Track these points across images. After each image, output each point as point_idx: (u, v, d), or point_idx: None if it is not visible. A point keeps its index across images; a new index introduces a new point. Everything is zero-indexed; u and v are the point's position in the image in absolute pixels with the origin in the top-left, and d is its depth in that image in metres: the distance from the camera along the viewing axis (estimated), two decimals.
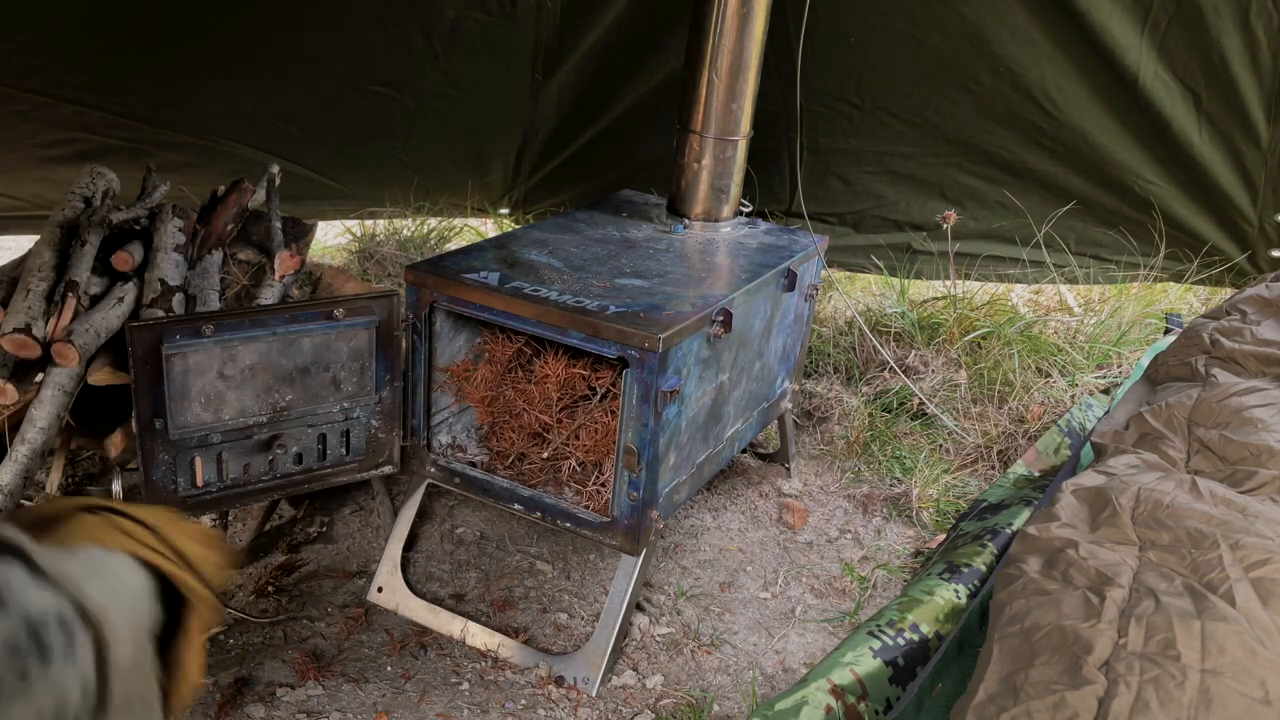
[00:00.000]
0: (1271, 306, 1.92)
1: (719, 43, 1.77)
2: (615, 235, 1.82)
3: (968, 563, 1.67)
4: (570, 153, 3.43)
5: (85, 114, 2.78)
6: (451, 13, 2.99)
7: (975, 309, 2.82)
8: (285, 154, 2.96)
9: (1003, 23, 2.67)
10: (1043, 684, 1.01)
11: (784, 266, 1.78)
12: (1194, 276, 2.89)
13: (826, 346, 2.73)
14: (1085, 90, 2.72)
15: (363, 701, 1.48)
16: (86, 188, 2.07)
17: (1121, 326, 2.81)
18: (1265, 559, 1.13)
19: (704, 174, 1.89)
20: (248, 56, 2.87)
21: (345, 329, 1.66)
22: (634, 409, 1.40)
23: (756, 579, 1.87)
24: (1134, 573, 1.17)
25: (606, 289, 1.51)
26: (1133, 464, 1.47)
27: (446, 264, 1.55)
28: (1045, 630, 1.08)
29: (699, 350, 1.49)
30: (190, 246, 1.97)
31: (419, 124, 3.23)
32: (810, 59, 2.19)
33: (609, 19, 3.07)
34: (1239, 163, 2.72)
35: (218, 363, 1.58)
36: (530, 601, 1.76)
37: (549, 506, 1.54)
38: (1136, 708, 0.95)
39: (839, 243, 3.10)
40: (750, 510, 2.10)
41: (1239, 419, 1.51)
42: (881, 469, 2.27)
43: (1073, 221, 2.93)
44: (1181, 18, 2.55)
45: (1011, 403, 2.45)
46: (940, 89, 2.84)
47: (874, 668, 1.41)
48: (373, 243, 3.25)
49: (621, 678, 1.58)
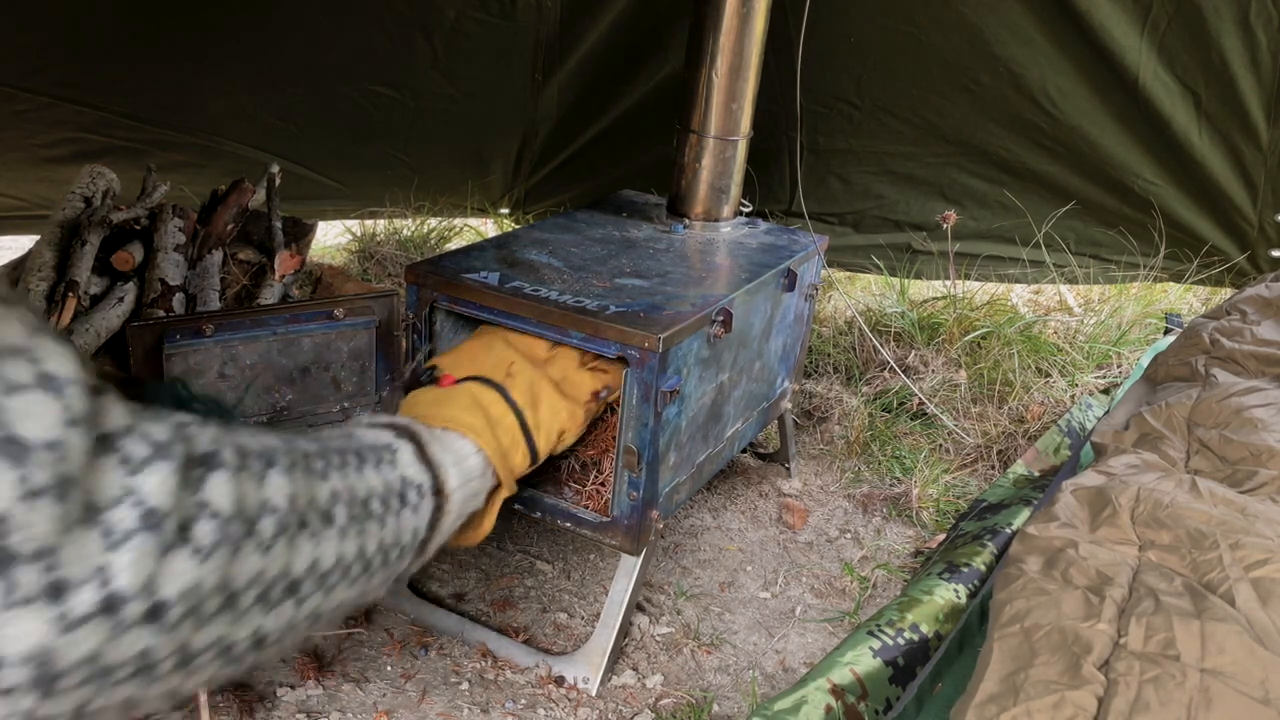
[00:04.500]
0: (1271, 306, 1.92)
1: (719, 43, 1.77)
2: (615, 235, 1.83)
3: (968, 562, 1.67)
4: (570, 153, 3.43)
5: (85, 114, 2.79)
6: (451, 13, 2.99)
7: (975, 309, 2.82)
8: (285, 154, 2.97)
9: (1003, 23, 2.67)
10: (1043, 683, 1.01)
11: (784, 266, 1.78)
12: (1194, 276, 2.89)
13: (826, 346, 2.73)
14: (1085, 90, 2.72)
15: (363, 701, 1.48)
16: (86, 188, 2.07)
17: (1121, 326, 2.81)
18: (1265, 559, 1.13)
19: (704, 174, 1.89)
20: (248, 56, 2.88)
21: (345, 329, 1.66)
22: (634, 409, 1.40)
23: (756, 579, 1.87)
24: (1134, 572, 1.17)
25: (607, 289, 1.51)
26: (1133, 464, 1.47)
27: (446, 264, 1.55)
28: (1045, 630, 1.08)
29: (699, 350, 1.49)
30: (190, 246, 1.97)
31: (419, 124, 3.23)
32: (810, 59, 2.19)
33: (609, 19, 3.07)
34: (1239, 163, 2.72)
35: (218, 362, 1.58)
36: (530, 601, 1.76)
37: (548, 506, 1.54)
38: (1136, 707, 0.95)
39: (839, 243, 3.10)
40: (750, 510, 2.10)
41: (1239, 419, 1.51)
42: (881, 469, 2.27)
43: (1073, 221, 2.93)
44: (1181, 18, 2.55)
45: (1011, 403, 2.45)
46: (940, 89, 2.84)
47: (874, 667, 1.41)
48: (373, 243, 3.26)
49: (621, 677, 1.58)
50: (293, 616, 0.72)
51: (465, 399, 1.22)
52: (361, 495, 0.83)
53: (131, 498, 0.56)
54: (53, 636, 0.52)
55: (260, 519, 0.66)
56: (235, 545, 0.63)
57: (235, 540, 0.63)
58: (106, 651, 0.56)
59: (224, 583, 0.63)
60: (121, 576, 0.55)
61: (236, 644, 0.67)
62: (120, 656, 0.57)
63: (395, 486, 0.90)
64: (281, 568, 0.69)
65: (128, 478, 0.56)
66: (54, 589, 0.52)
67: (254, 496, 0.66)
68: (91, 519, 0.53)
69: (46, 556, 0.51)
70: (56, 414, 0.51)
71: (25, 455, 0.49)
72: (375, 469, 0.88)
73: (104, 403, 0.56)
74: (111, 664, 0.57)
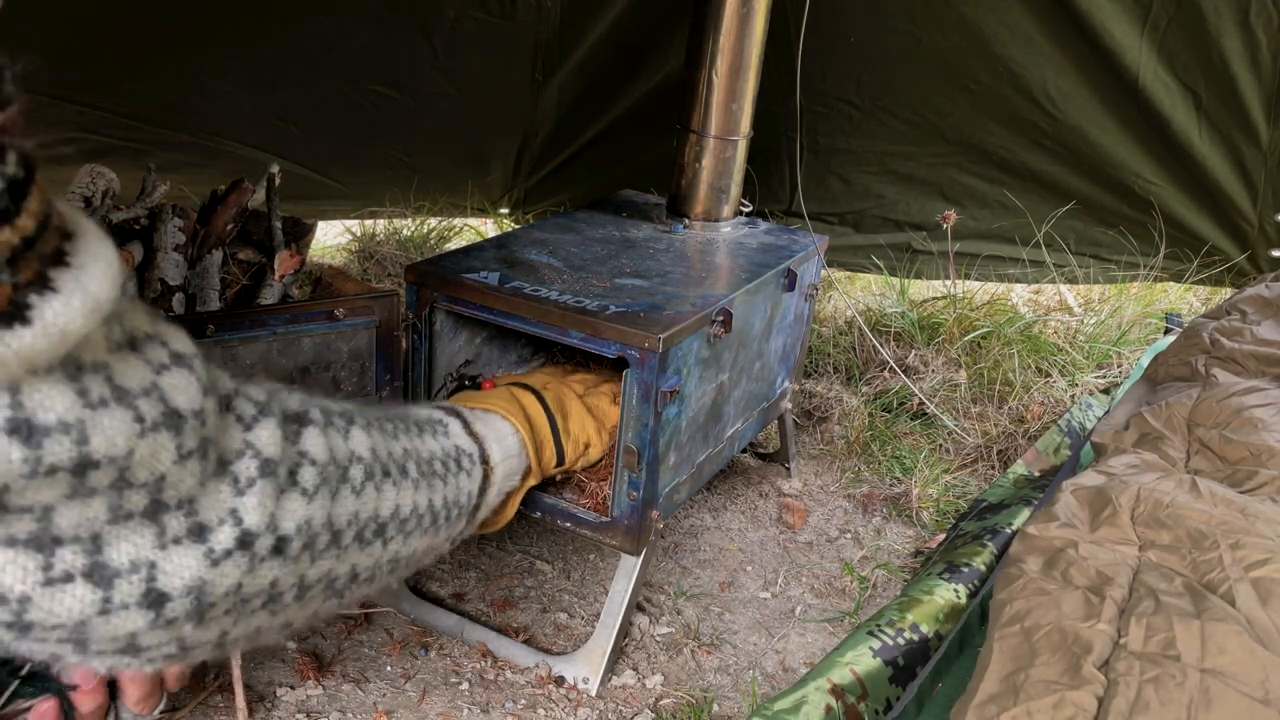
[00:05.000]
0: (1271, 306, 1.92)
1: (719, 43, 1.77)
2: (615, 235, 1.82)
3: (968, 562, 1.67)
4: (570, 153, 3.43)
5: (85, 114, 2.78)
6: (451, 13, 2.99)
7: (975, 309, 2.82)
8: (285, 154, 2.96)
9: (1003, 23, 2.67)
10: (1043, 683, 1.01)
11: (784, 266, 1.78)
12: (1194, 276, 2.89)
13: (826, 346, 2.73)
14: (1085, 90, 2.72)
15: (362, 702, 1.48)
16: (86, 188, 2.07)
17: (1121, 326, 2.81)
18: (1265, 559, 1.13)
19: (704, 174, 1.89)
20: (248, 56, 2.87)
21: (345, 329, 1.66)
22: (634, 409, 1.40)
23: (756, 579, 1.87)
24: (1134, 572, 1.17)
25: (606, 289, 1.51)
26: (1132, 464, 1.47)
27: (446, 264, 1.55)
28: (1045, 630, 1.08)
29: (699, 350, 1.49)
30: (190, 246, 1.97)
31: (419, 124, 3.23)
32: (810, 59, 2.19)
33: (609, 19, 3.06)
34: (1239, 163, 2.72)
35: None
36: (530, 601, 1.76)
37: (548, 506, 1.54)
38: (1136, 707, 0.95)
39: (839, 243, 3.10)
40: (750, 510, 2.10)
41: (1239, 419, 1.51)
42: (881, 469, 2.27)
43: (1073, 221, 2.93)
44: (1181, 18, 2.55)
45: (1011, 403, 2.45)
46: (940, 89, 2.84)
47: (874, 667, 1.41)
48: (373, 243, 3.26)
49: (621, 677, 1.58)
50: (380, 556, 0.81)
51: (504, 394, 1.35)
52: (425, 455, 0.91)
53: (250, 450, 0.64)
54: (205, 569, 0.60)
55: (350, 467, 0.75)
56: (333, 488, 0.72)
57: (333, 483, 0.72)
58: (246, 582, 0.64)
59: (329, 520, 0.72)
60: (250, 516, 0.63)
61: (339, 578, 0.76)
62: (256, 587, 0.65)
63: (451, 452, 1.00)
64: (372, 510, 0.78)
65: (245, 433, 0.64)
66: (198, 529, 0.59)
67: (343, 448, 0.75)
68: (223, 470, 0.62)
69: (188, 504, 0.59)
70: (195, 386, 0.58)
71: (181, 424, 0.56)
72: (433, 436, 0.98)
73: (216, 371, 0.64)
74: (249, 594, 0.65)
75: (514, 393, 1.36)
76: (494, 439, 1.16)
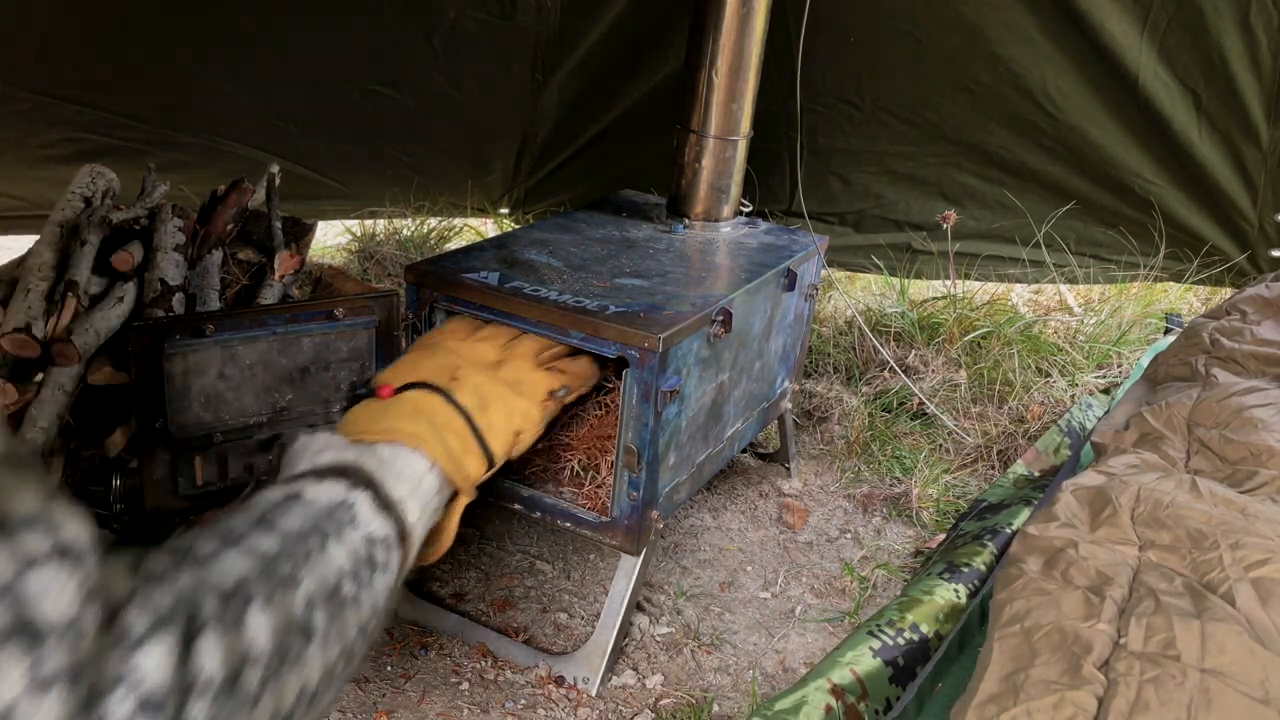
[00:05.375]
0: (1271, 306, 1.92)
1: (719, 43, 1.77)
2: (615, 235, 1.83)
3: (968, 562, 1.67)
4: (570, 153, 3.43)
5: (85, 114, 2.79)
6: (451, 13, 2.99)
7: (975, 309, 2.82)
8: (285, 154, 2.96)
9: (1003, 23, 2.67)
10: (1043, 683, 1.01)
11: (784, 266, 1.78)
12: (1194, 276, 2.89)
13: (826, 346, 2.73)
14: (1085, 90, 2.72)
15: (363, 701, 1.48)
16: (86, 188, 2.07)
17: (1121, 326, 2.81)
18: (1265, 559, 1.13)
19: (704, 174, 1.89)
20: (248, 56, 2.88)
21: (345, 329, 1.66)
22: (634, 409, 1.40)
23: (756, 579, 1.87)
24: (1134, 572, 1.17)
25: (606, 289, 1.51)
26: (1133, 464, 1.47)
27: (446, 264, 1.55)
28: (1045, 630, 1.08)
29: (699, 350, 1.49)
30: (190, 246, 1.97)
31: (419, 124, 3.23)
32: (810, 59, 2.19)
33: (609, 19, 3.07)
34: (1239, 163, 2.72)
35: (218, 362, 1.58)
36: (530, 601, 1.76)
37: (548, 506, 1.54)
38: (1136, 707, 0.95)
39: (839, 243, 3.10)
40: (750, 510, 2.10)
41: (1239, 419, 1.51)
42: (881, 469, 2.27)
43: (1073, 221, 2.93)
44: (1181, 18, 2.55)
45: (1011, 403, 2.45)
46: (940, 89, 2.84)
47: (874, 667, 1.41)
48: (373, 243, 3.26)
49: (621, 677, 1.58)
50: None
51: (406, 408, 1.12)
52: (333, 583, 0.77)
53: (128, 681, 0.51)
54: None
55: (245, 670, 0.62)
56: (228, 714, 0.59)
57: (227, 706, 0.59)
58: None
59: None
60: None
61: None
62: None
63: (362, 554, 0.84)
64: (271, 709, 0.65)
65: (126, 657, 0.52)
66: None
67: (238, 650, 0.62)
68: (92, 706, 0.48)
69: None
70: (72, 590, 0.46)
71: (40, 640, 0.44)
72: (338, 541, 0.81)
73: (113, 567, 0.52)
74: None
75: (416, 402, 1.14)
76: (409, 490, 0.99)
